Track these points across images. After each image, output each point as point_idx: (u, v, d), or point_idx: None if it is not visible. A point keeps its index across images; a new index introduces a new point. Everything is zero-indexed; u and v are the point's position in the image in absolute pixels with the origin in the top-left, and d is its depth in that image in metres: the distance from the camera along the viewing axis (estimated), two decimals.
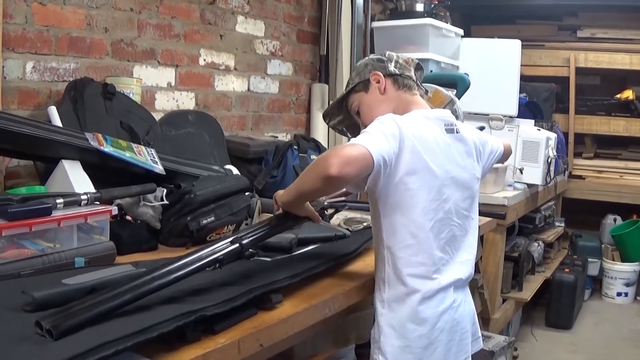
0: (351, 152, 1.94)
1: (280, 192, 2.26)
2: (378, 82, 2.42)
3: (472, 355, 2.40)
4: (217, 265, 1.89)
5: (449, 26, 5.45)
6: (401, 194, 2.11)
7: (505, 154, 2.76)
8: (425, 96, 2.51)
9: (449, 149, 2.24)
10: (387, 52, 2.49)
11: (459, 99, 3.31)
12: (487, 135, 2.66)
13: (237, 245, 1.96)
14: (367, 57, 2.57)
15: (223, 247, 1.93)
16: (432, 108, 2.43)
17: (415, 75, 2.46)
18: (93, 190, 2.46)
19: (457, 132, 2.30)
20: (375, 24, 5.50)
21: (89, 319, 1.48)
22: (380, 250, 2.22)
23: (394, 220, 2.15)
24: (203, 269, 1.85)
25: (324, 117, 2.70)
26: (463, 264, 2.32)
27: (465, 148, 2.33)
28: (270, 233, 2.17)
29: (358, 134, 2.40)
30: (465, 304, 2.35)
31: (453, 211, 2.25)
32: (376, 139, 2.01)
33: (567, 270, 6.37)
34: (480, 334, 2.51)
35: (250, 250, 2.00)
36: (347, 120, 2.61)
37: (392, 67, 2.44)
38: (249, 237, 2.02)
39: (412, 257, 2.16)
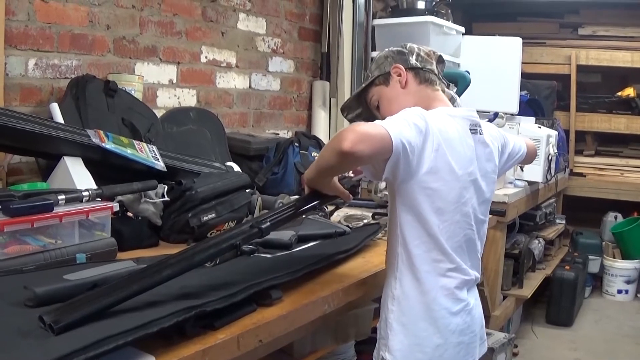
0: (369, 129, 1.89)
1: (307, 171, 2.18)
2: (399, 75, 2.34)
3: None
4: (236, 251, 1.87)
5: (450, 24, 5.45)
6: (420, 192, 2.06)
7: (530, 156, 2.74)
8: (447, 90, 2.46)
9: (472, 150, 2.19)
10: (409, 45, 2.41)
11: (459, 96, 3.31)
12: (511, 135, 2.61)
13: (257, 230, 1.93)
14: (386, 49, 2.48)
15: (242, 231, 1.92)
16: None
17: (437, 68, 2.39)
18: (94, 186, 2.47)
19: (480, 134, 2.24)
20: (377, 21, 5.50)
21: (91, 313, 1.49)
22: (394, 246, 2.18)
23: (411, 217, 2.10)
24: (219, 255, 1.87)
25: (342, 110, 2.61)
26: (474, 266, 2.29)
27: (486, 150, 2.27)
28: (296, 215, 2.13)
29: None
30: (477, 307, 2.32)
31: (471, 215, 2.20)
32: (400, 125, 1.96)
33: (567, 267, 6.36)
34: (486, 337, 2.46)
35: (250, 246, 2.00)
36: (366, 113, 2.52)
37: (413, 60, 2.35)
38: (270, 221, 1.99)
39: (427, 254, 2.12)
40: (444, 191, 2.09)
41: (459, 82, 3.91)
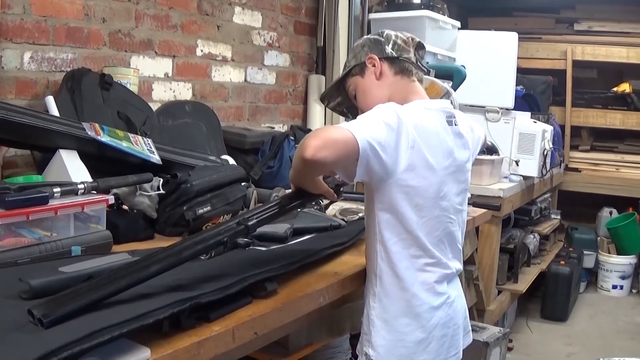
0: (332, 134, 1.88)
1: (291, 170, 2.14)
2: (374, 65, 2.32)
3: (465, 348, 2.40)
4: (223, 248, 1.88)
5: (445, 18, 5.45)
6: (398, 190, 2.06)
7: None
8: (427, 77, 2.43)
9: (448, 143, 2.18)
10: (386, 32, 2.38)
11: (455, 90, 3.33)
12: (472, 122, 2.57)
13: (243, 227, 1.92)
14: (364, 37, 2.46)
15: (228, 228, 1.91)
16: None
17: (416, 55, 2.36)
18: (90, 179, 2.47)
19: (455, 125, 2.23)
20: (373, 15, 5.50)
21: (83, 306, 1.48)
22: (373, 244, 2.18)
23: (390, 215, 2.11)
24: (206, 252, 1.87)
25: (322, 99, 2.61)
26: (455, 258, 2.30)
27: (462, 141, 2.27)
28: (280, 213, 2.11)
29: (357, 115, 2.38)
30: (459, 299, 2.33)
31: (450, 207, 2.21)
32: (367, 125, 1.95)
33: (562, 262, 6.40)
34: (470, 328, 2.49)
35: (245, 239, 2.00)
36: (346, 102, 2.52)
37: (389, 49, 2.33)
38: (256, 218, 1.98)
39: (406, 250, 2.13)
40: (422, 188, 2.10)
41: (455, 76, 3.93)
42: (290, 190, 2.21)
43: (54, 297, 1.53)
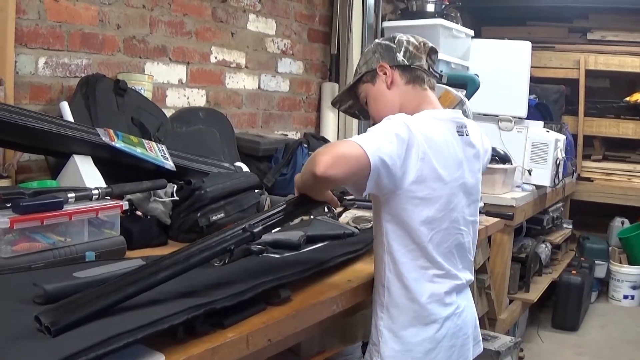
0: (344, 150, 1.87)
1: (297, 176, 2.14)
2: (385, 74, 2.29)
3: (475, 358, 2.38)
4: (228, 255, 1.87)
5: (459, 27, 5.45)
6: (407, 202, 2.04)
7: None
8: (441, 86, 2.40)
9: (459, 154, 2.16)
10: (398, 37, 2.34)
11: (469, 99, 3.31)
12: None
13: (249, 233, 1.90)
14: (375, 42, 2.42)
15: (234, 234, 1.90)
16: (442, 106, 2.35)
17: (428, 61, 2.32)
18: (104, 185, 2.47)
19: (466, 135, 2.21)
20: (386, 23, 5.50)
21: (95, 312, 1.48)
22: (381, 254, 2.17)
23: (397, 226, 2.09)
24: (212, 259, 1.85)
25: (333, 103, 2.58)
26: (465, 268, 2.28)
27: (473, 151, 2.25)
28: (285, 219, 2.12)
29: (369, 117, 2.36)
30: (468, 309, 2.31)
31: (460, 219, 2.19)
32: (378, 139, 1.93)
33: (574, 272, 6.38)
34: (481, 337, 2.47)
35: (259, 246, 2.00)
36: (357, 105, 2.49)
37: (400, 57, 2.29)
38: (262, 225, 1.96)
39: (414, 262, 2.11)
40: (432, 200, 2.07)
41: (469, 85, 3.90)
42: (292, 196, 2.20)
43: (61, 303, 1.52)
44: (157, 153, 2.86)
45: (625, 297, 7.03)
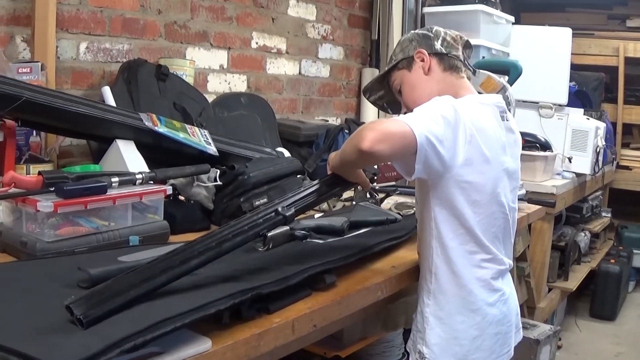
0: (390, 127, 1.85)
1: (332, 155, 2.14)
2: (422, 60, 2.27)
3: (515, 346, 2.35)
4: (267, 240, 1.83)
5: (500, 13, 5.39)
6: (455, 186, 2.02)
7: None
8: (473, 77, 2.39)
9: (503, 138, 2.15)
10: (435, 28, 2.34)
11: (511, 85, 3.28)
12: None
13: (281, 217, 1.87)
14: (412, 32, 2.40)
15: (266, 217, 1.86)
16: (480, 93, 2.34)
17: (463, 54, 2.31)
18: (147, 170, 2.47)
19: (507, 120, 2.20)
20: (427, 9, 5.44)
21: (128, 302, 1.45)
22: (428, 240, 2.14)
23: (447, 211, 2.07)
24: (245, 243, 1.80)
25: (364, 92, 2.56)
26: (508, 254, 2.26)
27: (514, 137, 2.24)
28: (318, 201, 2.10)
29: (399, 110, 2.34)
30: (512, 296, 2.29)
31: (505, 204, 2.16)
32: (425, 118, 1.91)
33: (612, 261, 6.35)
34: (521, 325, 2.44)
35: (303, 232, 1.98)
36: (388, 96, 2.47)
37: (438, 45, 2.28)
38: (294, 207, 1.93)
39: (463, 247, 2.09)
40: (480, 183, 2.06)
41: (511, 71, 3.87)
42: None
43: (90, 292, 1.45)
44: (199, 138, 2.85)
45: None
